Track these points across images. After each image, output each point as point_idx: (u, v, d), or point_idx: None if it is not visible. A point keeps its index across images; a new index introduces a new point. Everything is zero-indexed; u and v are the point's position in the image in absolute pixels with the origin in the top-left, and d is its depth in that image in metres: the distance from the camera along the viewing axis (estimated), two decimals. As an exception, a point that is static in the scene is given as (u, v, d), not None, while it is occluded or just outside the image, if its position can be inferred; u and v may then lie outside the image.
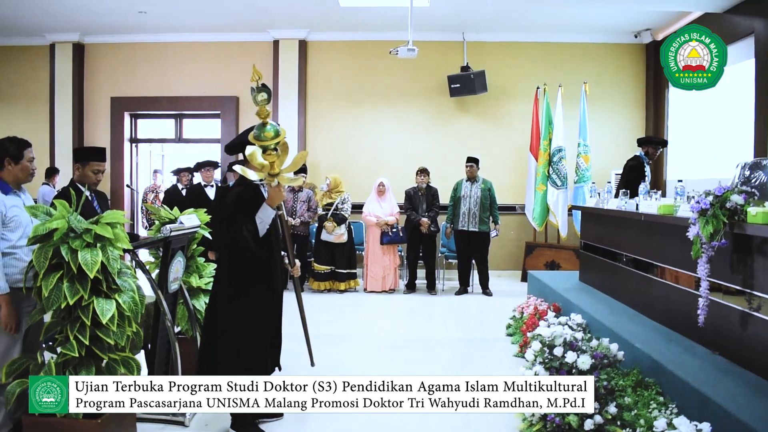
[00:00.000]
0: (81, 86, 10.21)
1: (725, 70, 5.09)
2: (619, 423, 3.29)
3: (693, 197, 3.80)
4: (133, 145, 10.54)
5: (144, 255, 4.59)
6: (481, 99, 9.77)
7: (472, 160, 8.31)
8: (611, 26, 9.45)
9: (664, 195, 6.75)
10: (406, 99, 10.00)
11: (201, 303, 4.58)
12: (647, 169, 6.72)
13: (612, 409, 3.34)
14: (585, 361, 3.72)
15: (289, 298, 4.26)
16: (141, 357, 4.02)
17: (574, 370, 3.69)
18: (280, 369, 4.03)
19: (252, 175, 3.47)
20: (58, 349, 3.15)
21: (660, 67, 9.44)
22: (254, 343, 3.63)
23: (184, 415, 3.86)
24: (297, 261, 3.96)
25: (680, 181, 4.83)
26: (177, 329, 4.45)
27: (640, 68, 9.96)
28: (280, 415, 3.96)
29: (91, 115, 10.27)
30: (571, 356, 3.76)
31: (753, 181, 6.24)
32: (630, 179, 6.52)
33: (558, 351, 3.89)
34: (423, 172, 8.52)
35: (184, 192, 8.21)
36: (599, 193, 6.36)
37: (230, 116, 10.09)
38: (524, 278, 9.11)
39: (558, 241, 9.42)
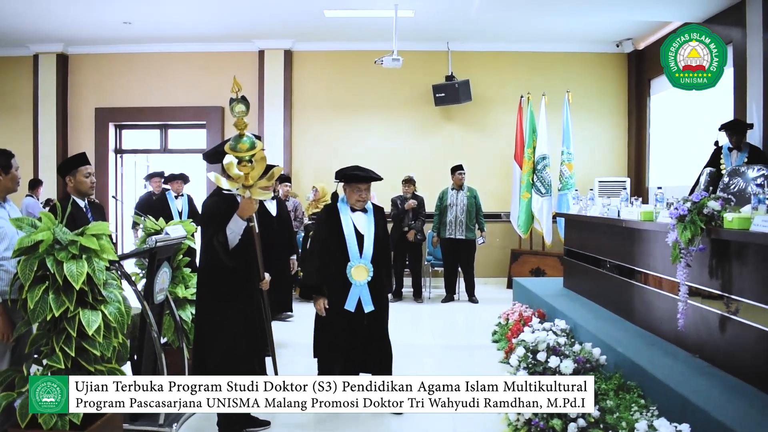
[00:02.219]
0: (65, 97, 10.18)
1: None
2: (601, 426, 3.34)
3: (672, 204, 3.87)
4: (118, 156, 10.51)
5: (130, 266, 4.60)
6: (466, 108, 9.86)
7: (459, 168, 8.37)
8: (593, 36, 9.58)
9: (645, 202, 6.87)
10: (391, 108, 10.07)
11: (187, 314, 4.60)
12: (729, 157, 5.83)
13: (595, 412, 3.39)
14: (568, 366, 3.77)
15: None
16: (127, 368, 4.02)
17: (557, 375, 3.74)
18: (276, 374, 4.07)
19: (225, 184, 3.52)
20: (44, 361, 3.15)
21: (641, 76, 9.69)
22: (236, 352, 3.66)
23: (171, 426, 3.86)
24: (267, 275, 3.98)
25: (659, 187, 4.91)
26: (163, 340, 4.45)
27: (622, 77, 10.10)
28: (267, 423, 3.98)
29: (76, 125, 10.24)
30: (554, 361, 3.81)
31: (732, 187, 6.36)
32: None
33: (541, 356, 3.94)
34: (409, 181, 8.56)
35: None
36: (583, 200, 6.43)
37: (216, 126, 10.10)
38: (510, 285, 9.17)
39: (543, 248, 9.50)
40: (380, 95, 10.06)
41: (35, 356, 3.24)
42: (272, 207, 6.56)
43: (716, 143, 6.10)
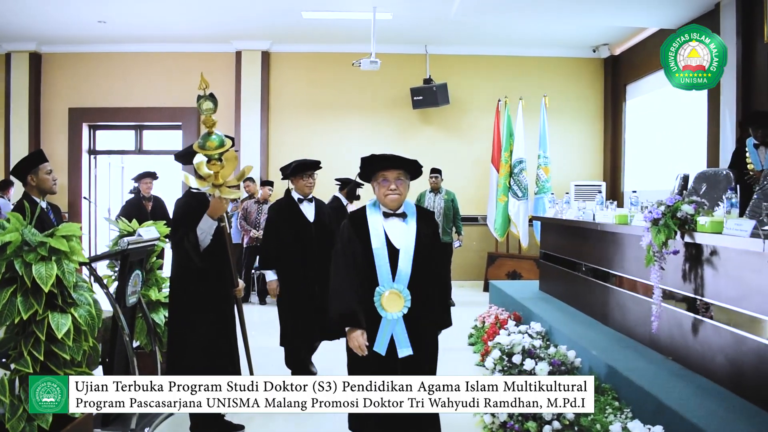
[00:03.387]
0: (38, 97, 10.01)
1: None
2: (576, 428, 3.35)
3: (647, 207, 3.90)
4: (92, 156, 10.36)
5: (102, 268, 4.52)
6: (444, 111, 9.88)
7: (436, 171, 8.37)
8: (570, 41, 9.67)
9: (621, 205, 6.93)
10: (369, 111, 10.06)
11: (160, 317, 4.53)
12: (756, 154, 5.27)
13: (569, 415, 3.40)
14: (543, 368, 3.78)
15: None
16: (99, 372, 3.95)
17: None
18: None
19: (194, 183, 3.48)
20: (12, 366, 3.08)
21: (617, 81, 9.79)
22: (208, 356, 3.61)
23: (143, 430, 3.80)
24: (241, 282, 3.94)
25: (634, 191, 4.96)
26: (135, 344, 4.39)
27: (598, 82, 10.21)
28: (242, 427, 3.93)
29: (48, 126, 10.07)
30: (529, 363, 3.82)
31: (701, 191, 6.44)
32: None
33: (517, 359, 3.95)
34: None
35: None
36: (559, 204, 6.47)
37: (192, 127, 10.00)
38: (486, 288, 9.20)
39: (519, 252, 9.55)
40: (358, 98, 10.05)
41: (2, 360, 3.17)
42: (310, 210, 4.94)
43: (738, 140, 5.62)
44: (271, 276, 4.58)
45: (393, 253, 3.01)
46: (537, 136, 9.47)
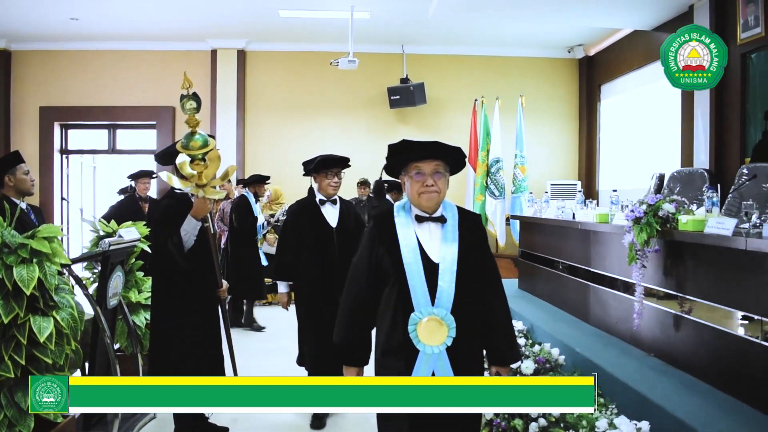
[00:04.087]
0: (7, 95, 9.79)
1: (656, 86, 5.22)
2: (562, 425, 3.38)
3: (627, 206, 3.95)
4: (64, 156, 10.17)
5: (80, 270, 4.44)
6: (421, 111, 9.90)
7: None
8: (546, 41, 9.76)
9: (598, 204, 7.01)
10: (347, 110, 10.04)
11: (141, 319, 4.48)
12: None
13: (555, 412, 3.43)
14: (528, 366, 3.81)
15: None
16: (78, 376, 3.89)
17: (518, 375, 3.77)
18: None
19: (177, 184, 3.43)
20: (-8, 370, 3.01)
21: (592, 81, 9.91)
22: (192, 359, 3.57)
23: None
24: (225, 282, 3.89)
25: (615, 190, 5.01)
26: (116, 346, 4.32)
27: (573, 82, 10.32)
28: (226, 429, 3.90)
29: (19, 125, 9.84)
30: (515, 362, 3.84)
31: (675, 190, 6.56)
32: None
33: (502, 357, 3.96)
34: (364, 184, 8.56)
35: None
36: (538, 203, 6.52)
37: (166, 127, 9.88)
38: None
39: (496, 251, 9.60)
40: (335, 97, 10.02)
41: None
42: (333, 214, 4.33)
43: (764, 133, 5.36)
44: (282, 288, 4.32)
45: (431, 268, 2.37)
46: (514, 135, 9.53)
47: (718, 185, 4.03)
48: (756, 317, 2.98)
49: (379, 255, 2.44)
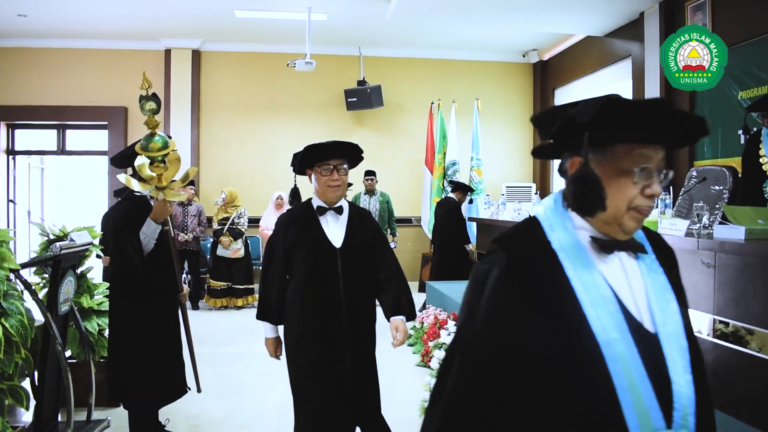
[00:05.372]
0: (-50, 93, 9.42)
1: (607, 90, 5.27)
2: None
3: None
4: (11, 157, 9.83)
5: (26, 274, 4.30)
6: (378, 113, 9.91)
7: (371, 173, 8.40)
8: (501, 46, 9.89)
9: (552, 206, 7.14)
10: (304, 112, 9.98)
11: (94, 325, 4.35)
12: None
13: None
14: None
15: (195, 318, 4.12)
16: (26, 384, 3.76)
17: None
18: (199, 390, 3.90)
19: (136, 186, 3.37)
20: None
21: (546, 86, 10.07)
22: (155, 364, 3.50)
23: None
24: (185, 286, 3.82)
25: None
26: (68, 353, 4.19)
27: (528, 86, 10.49)
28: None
29: (-38, 124, 9.49)
30: (474, 363, 3.87)
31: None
32: (745, 165, 4.75)
33: (462, 358, 3.99)
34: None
35: None
36: (495, 205, 6.60)
37: (118, 127, 9.64)
38: (422, 289, 9.28)
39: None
40: (292, 99, 9.95)
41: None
42: (337, 227, 2.95)
43: (744, 129, 5.02)
44: (268, 332, 3.01)
45: (646, 344, 1.21)
46: (470, 138, 9.65)
47: (670, 187, 4.13)
48: (706, 314, 3.07)
49: (538, 331, 1.19)
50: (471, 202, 8.04)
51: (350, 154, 2.92)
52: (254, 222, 8.86)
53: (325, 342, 2.81)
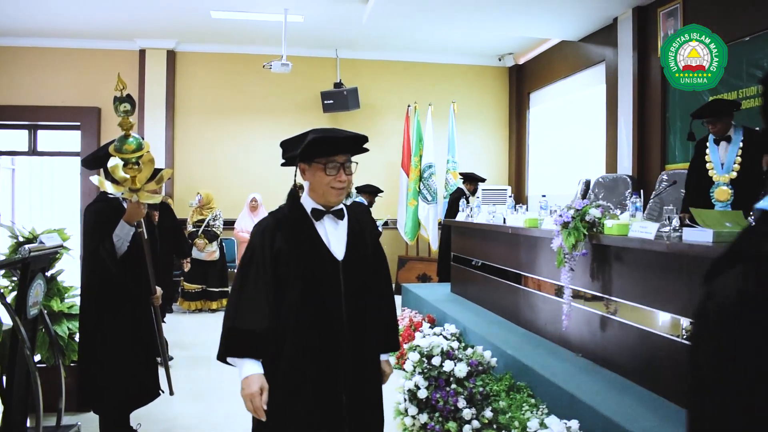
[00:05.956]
0: None
1: (582, 94, 5.33)
2: (495, 426, 3.44)
3: (555, 211, 4.07)
4: (-21, 157, 9.66)
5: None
6: (354, 115, 9.91)
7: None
8: (477, 49, 9.95)
9: (527, 209, 7.20)
10: (280, 114, 9.94)
11: (64, 329, 4.29)
12: (717, 152, 4.68)
13: (488, 413, 3.50)
14: (462, 369, 3.86)
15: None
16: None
17: (452, 378, 3.82)
18: (172, 393, 3.86)
19: (110, 188, 3.33)
20: None
21: (521, 89, 10.16)
22: (128, 368, 3.46)
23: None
24: (158, 288, 3.77)
25: (544, 196, 5.15)
26: (37, 358, 4.12)
27: (503, 90, 10.56)
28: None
29: (-71, 124, 9.30)
30: (448, 365, 3.89)
31: (600, 196, 6.81)
32: (692, 171, 4.88)
33: (436, 360, 4.00)
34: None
35: None
36: (469, 208, 6.62)
37: (91, 128, 9.51)
38: (398, 291, 9.29)
39: (429, 255, 9.71)
40: (268, 100, 9.91)
41: None
42: (337, 235, 2.33)
43: (690, 136, 5.04)
44: (248, 367, 2.14)
45: None
46: (446, 141, 9.68)
47: (641, 191, 4.19)
48: (677, 316, 3.12)
49: None
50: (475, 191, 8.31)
51: (358, 148, 2.47)
52: (229, 224, 8.80)
53: (322, 385, 2.15)
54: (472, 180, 8.30)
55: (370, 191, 8.12)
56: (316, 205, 2.29)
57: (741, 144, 4.46)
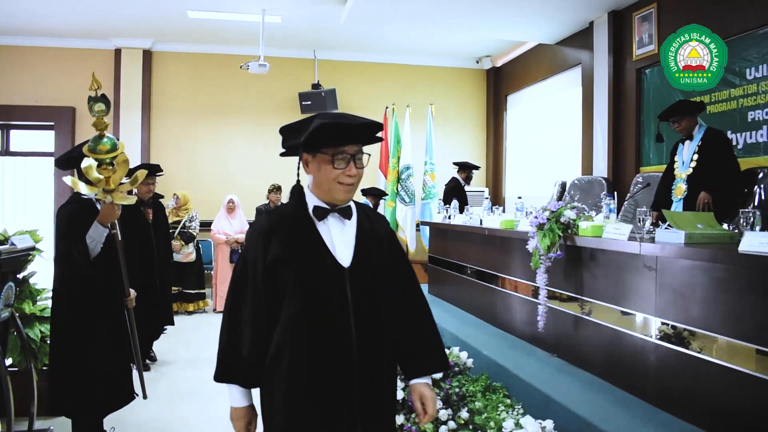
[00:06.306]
0: None
1: (558, 97, 5.34)
2: (471, 427, 3.45)
3: (531, 212, 4.10)
4: (-50, 157, 9.48)
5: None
6: (332, 117, 9.88)
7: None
8: (455, 52, 10.00)
9: (504, 211, 7.25)
10: (257, 115, 9.89)
11: (36, 332, 4.23)
12: (681, 153, 4.88)
13: (464, 414, 3.51)
14: (438, 370, 3.87)
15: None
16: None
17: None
18: (145, 397, 3.82)
19: (83, 189, 3.29)
20: None
21: (499, 92, 10.22)
22: (103, 372, 3.41)
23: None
24: (132, 291, 3.73)
25: (520, 197, 5.19)
26: (8, 361, 4.06)
27: (481, 92, 10.63)
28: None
29: None
30: (425, 366, 3.89)
31: (576, 197, 6.88)
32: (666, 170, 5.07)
33: (413, 362, 4.01)
34: (277, 189, 8.46)
35: None
36: (447, 209, 6.64)
37: (65, 128, 9.38)
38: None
39: (407, 256, 9.71)
40: (246, 101, 9.87)
41: None
42: (343, 237, 1.98)
43: (658, 138, 5.27)
44: (235, 398, 2.00)
45: None
46: (424, 142, 9.71)
47: (615, 192, 4.25)
48: (649, 317, 3.16)
49: None
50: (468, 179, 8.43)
51: (371, 137, 2.09)
52: (206, 226, 8.73)
53: (328, 411, 1.86)
54: (465, 168, 8.33)
55: (375, 194, 8.10)
56: (319, 203, 1.94)
57: (699, 143, 4.68)
